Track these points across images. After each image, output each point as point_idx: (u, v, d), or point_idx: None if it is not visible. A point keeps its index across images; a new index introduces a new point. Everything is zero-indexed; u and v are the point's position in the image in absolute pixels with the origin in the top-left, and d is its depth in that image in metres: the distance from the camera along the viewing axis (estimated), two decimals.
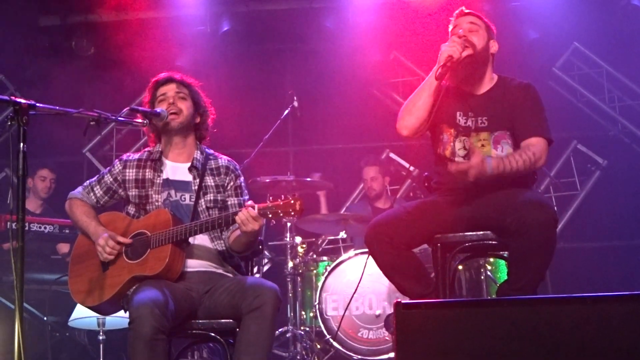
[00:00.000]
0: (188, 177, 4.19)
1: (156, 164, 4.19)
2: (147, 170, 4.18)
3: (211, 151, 4.36)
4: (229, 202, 4.18)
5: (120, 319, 5.43)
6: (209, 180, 4.20)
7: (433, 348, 2.46)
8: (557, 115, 5.90)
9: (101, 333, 5.72)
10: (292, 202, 3.68)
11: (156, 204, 4.10)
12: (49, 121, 5.72)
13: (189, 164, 4.21)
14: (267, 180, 6.40)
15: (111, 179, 4.20)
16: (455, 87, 4.13)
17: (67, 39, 8.50)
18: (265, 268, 7.95)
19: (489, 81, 4.11)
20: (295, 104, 6.97)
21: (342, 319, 5.88)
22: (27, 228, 6.06)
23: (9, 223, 5.99)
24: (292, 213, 3.69)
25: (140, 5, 8.35)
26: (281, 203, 3.70)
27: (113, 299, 3.91)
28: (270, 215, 3.71)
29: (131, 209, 4.16)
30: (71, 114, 3.52)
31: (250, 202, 3.80)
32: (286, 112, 6.96)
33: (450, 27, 4.17)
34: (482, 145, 3.99)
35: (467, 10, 4.15)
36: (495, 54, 4.14)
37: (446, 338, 2.47)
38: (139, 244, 3.94)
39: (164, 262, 3.80)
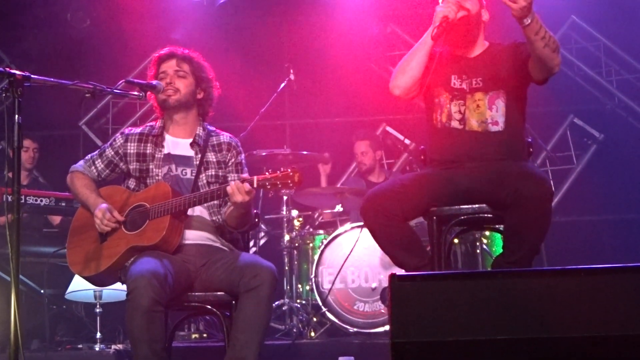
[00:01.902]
0: (189, 153, 4.20)
1: (157, 138, 4.19)
2: (149, 144, 4.18)
3: (213, 128, 4.35)
4: (230, 178, 4.16)
5: (117, 292, 5.46)
6: (211, 156, 4.20)
7: (428, 320, 2.47)
8: (554, 88, 5.88)
9: (98, 306, 5.75)
10: (291, 173, 3.69)
11: (156, 177, 4.10)
12: (44, 94, 5.69)
13: (190, 140, 4.21)
14: (264, 154, 6.41)
15: (112, 153, 4.21)
16: (449, 52, 4.14)
17: (62, 11, 8.45)
18: (262, 242, 7.98)
19: (481, 46, 4.14)
20: (292, 77, 6.95)
21: (332, 286, 5.91)
22: (22, 201, 6.05)
23: (4, 196, 5.97)
24: (291, 184, 3.71)
25: None
26: (280, 174, 3.71)
27: (110, 270, 3.92)
28: (269, 187, 3.73)
29: (132, 183, 4.17)
30: (66, 86, 3.51)
31: (245, 175, 3.81)
32: (282, 85, 6.95)
33: None
34: (478, 106, 3.99)
35: None
36: (486, 23, 4.15)
37: (441, 310, 2.48)
38: (137, 216, 3.95)
39: (162, 232, 3.81)
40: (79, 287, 5.64)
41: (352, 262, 5.98)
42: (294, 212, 6.68)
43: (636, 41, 8.24)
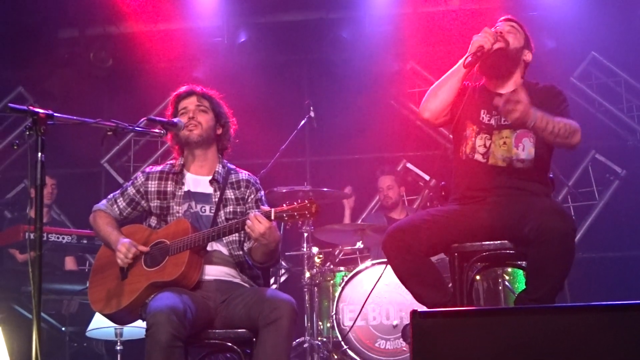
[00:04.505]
0: (209, 190, 4.22)
1: (178, 176, 4.23)
2: (169, 182, 4.23)
3: (233, 166, 4.39)
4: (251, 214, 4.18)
5: (137, 329, 5.44)
6: (230, 194, 4.23)
7: (450, 357, 2.45)
8: None
9: (119, 343, 5.74)
10: (308, 204, 3.71)
11: (177, 215, 4.14)
12: (66, 132, 5.75)
13: (210, 177, 4.24)
14: (284, 191, 6.41)
15: (134, 191, 4.25)
16: (482, 87, 4.13)
17: (85, 50, 8.57)
18: (282, 278, 7.95)
19: (515, 83, 4.08)
20: (312, 114, 6.98)
21: (353, 323, 5.88)
22: (45, 238, 6.09)
23: (27, 233, 6.01)
24: (308, 215, 3.71)
25: (157, 17, 8.42)
26: (297, 206, 3.72)
27: (131, 307, 3.92)
28: (286, 218, 3.74)
29: (153, 221, 4.20)
30: (89, 124, 3.55)
31: (264, 207, 3.84)
32: (303, 122, 6.97)
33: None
34: (504, 143, 3.97)
35: (511, 18, 4.17)
36: (527, 63, 4.14)
37: (463, 347, 2.45)
38: (158, 252, 3.97)
39: (182, 267, 3.82)
40: (100, 325, 5.64)
41: (373, 299, 5.94)
42: (315, 249, 6.65)
43: None
